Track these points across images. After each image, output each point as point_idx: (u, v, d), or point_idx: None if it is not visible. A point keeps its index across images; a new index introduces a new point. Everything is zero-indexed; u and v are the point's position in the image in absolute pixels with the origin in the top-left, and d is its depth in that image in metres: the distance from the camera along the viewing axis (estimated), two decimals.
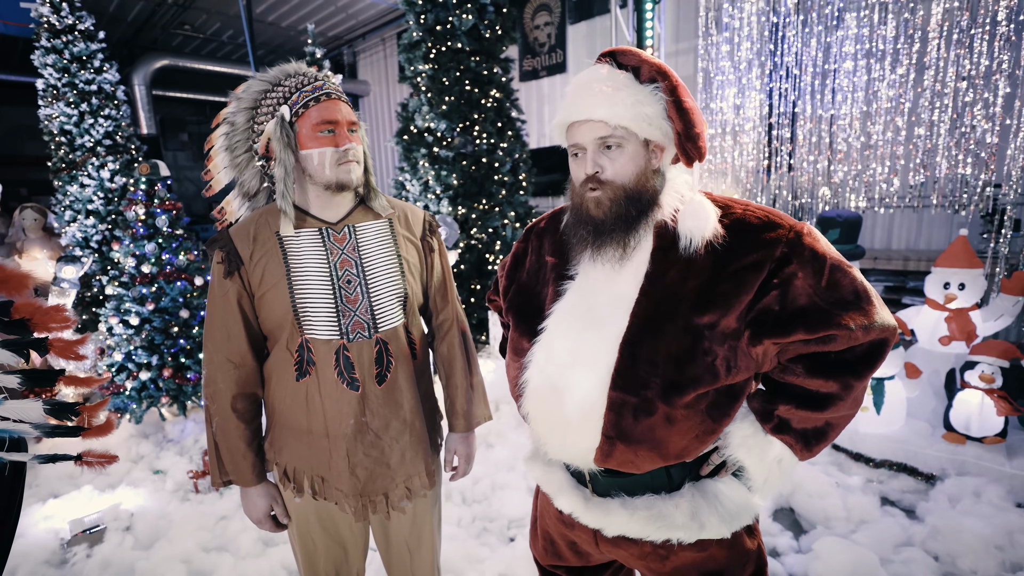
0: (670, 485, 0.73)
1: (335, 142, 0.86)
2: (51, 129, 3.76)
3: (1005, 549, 1.57)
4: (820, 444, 0.71)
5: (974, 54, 2.96)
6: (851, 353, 0.67)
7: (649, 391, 0.65)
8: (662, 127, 0.68)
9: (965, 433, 2.06)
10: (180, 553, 1.71)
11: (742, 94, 3.52)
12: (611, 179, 0.68)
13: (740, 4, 3.43)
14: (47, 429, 0.68)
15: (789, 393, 0.70)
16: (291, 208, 0.87)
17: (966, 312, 2.25)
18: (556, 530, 0.87)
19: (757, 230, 0.66)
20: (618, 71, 0.69)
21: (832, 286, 0.64)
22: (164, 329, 2.58)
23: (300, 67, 0.92)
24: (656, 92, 0.67)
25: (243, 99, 0.92)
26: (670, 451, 0.68)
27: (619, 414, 0.66)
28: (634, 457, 0.69)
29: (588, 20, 4.87)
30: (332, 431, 0.89)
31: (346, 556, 1.02)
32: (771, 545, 1.70)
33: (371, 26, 6.85)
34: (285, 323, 0.88)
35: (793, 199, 3.55)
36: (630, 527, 0.72)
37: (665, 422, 0.66)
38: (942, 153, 3.12)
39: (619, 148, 0.68)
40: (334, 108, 0.87)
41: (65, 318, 0.68)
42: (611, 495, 0.75)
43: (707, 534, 0.71)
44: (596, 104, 0.67)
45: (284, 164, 0.86)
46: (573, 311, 0.72)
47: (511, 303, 0.85)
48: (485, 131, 3.33)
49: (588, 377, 0.68)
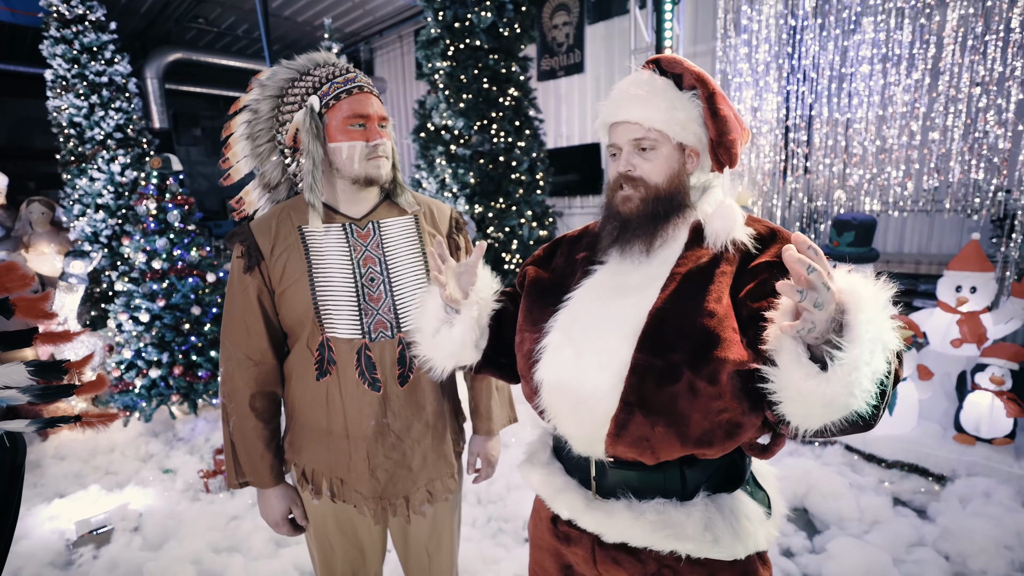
0: (683, 491, 0.68)
1: (366, 136, 0.84)
2: (60, 121, 3.71)
3: (1015, 549, 1.61)
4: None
5: (988, 60, 2.98)
6: None
7: (676, 355, 0.63)
8: (696, 132, 0.70)
9: (975, 434, 2.10)
10: (190, 554, 1.67)
11: (759, 96, 3.54)
12: (642, 177, 0.70)
13: (759, 7, 3.44)
14: (37, 391, 0.64)
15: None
16: (319, 202, 0.85)
17: (977, 315, 2.29)
18: (550, 553, 0.81)
19: (787, 238, 0.68)
20: (659, 77, 0.72)
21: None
22: (175, 326, 2.55)
23: (330, 57, 0.89)
24: (694, 99, 0.70)
25: (268, 86, 0.88)
26: (690, 431, 0.63)
27: (642, 377, 0.63)
28: (650, 433, 0.63)
29: (606, 20, 4.86)
30: (352, 432, 0.87)
31: (363, 559, 0.99)
32: (785, 545, 1.73)
33: (388, 23, 6.84)
34: (306, 321, 0.86)
35: (809, 201, 3.58)
36: (634, 532, 0.66)
37: (688, 392, 0.62)
38: (955, 158, 3.14)
39: (653, 150, 0.70)
40: (366, 102, 0.84)
41: (23, 276, 0.63)
42: (617, 496, 0.70)
43: (719, 551, 0.65)
44: (632, 107, 0.70)
45: (313, 156, 0.83)
46: (602, 286, 0.72)
47: (534, 280, 0.80)
48: (503, 130, 3.35)
49: (613, 339, 0.66)
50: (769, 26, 3.44)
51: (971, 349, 2.31)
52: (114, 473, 2.27)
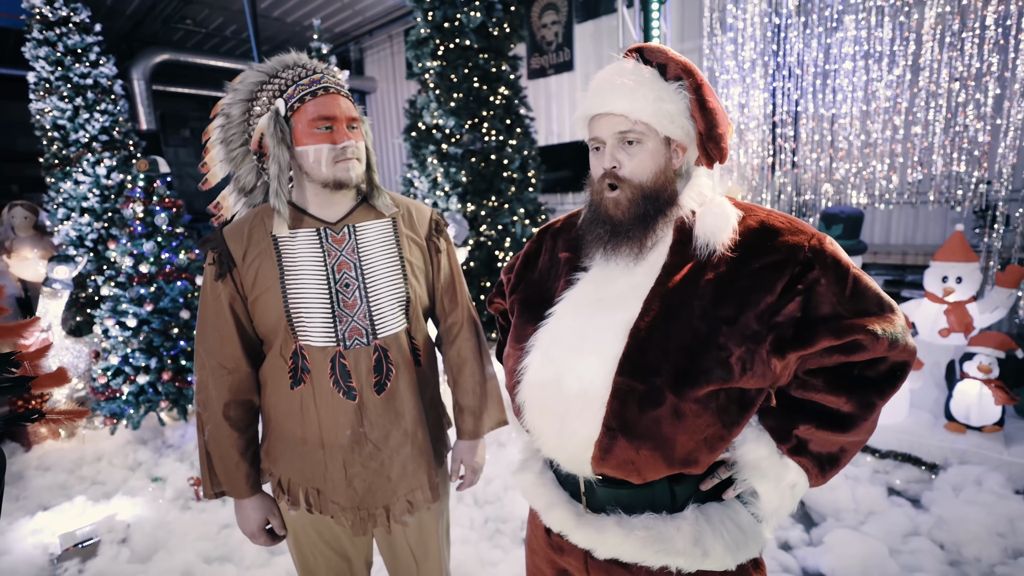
0: (673, 505, 0.67)
1: (332, 139, 0.82)
2: (43, 124, 3.65)
3: (1007, 536, 1.62)
4: (833, 470, 0.67)
5: (966, 56, 3.05)
6: (874, 370, 0.65)
7: (659, 378, 0.61)
8: (684, 126, 0.67)
9: (965, 423, 2.13)
10: (180, 565, 1.63)
11: (746, 93, 3.59)
12: (629, 177, 0.67)
13: (743, 5, 3.49)
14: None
15: (809, 411, 0.65)
16: (285, 207, 0.83)
17: (963, 305, 2.32)
18: (545, 559, 0.80)
19: (781, 232, 0.65)
20: (643, 66, 0.68)
21: (856, 296, 0.63)
22: (163, 331, 2.51)
23: (299, 58, 0.87)
24: (680, 90, 0.66)
25: (239, 90, 0.87)
26: (676, 453, 0.62)
27: (623, 402, 0.62)
28: (635, 457, 0.63)
29: (595, 19, 4.92)
30: (328, 441, 0.85)
31: (350, 567, 0.97)
32: (783, 538, 1.73)
33: (378, 23, 6.83)
34: (279, 329, 0.84)
35: (797, 195, 3.63)
36: (624, 549, 0.65)
37: (672, 416, 0.61)
38: (937, 151, 3.21)
39: (639, 144, 0.67)
40: (332, 103, 0.82)
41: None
42: (607, 511, 0.68)
43: (710, 564, 0.64)
44: (617, 97, 0.66)
45: (278, 161, 0.82)
46: (584, 298, 0.70)
47: (519, 296, 0.80)
48: (494, 128, 3.35)
49: (594, 361, 0.64)
50: (754, 24, 3.49)
51: (959, 338, 2.34)
52: (101, 483, 2.20)
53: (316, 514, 0.90)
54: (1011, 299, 2.31)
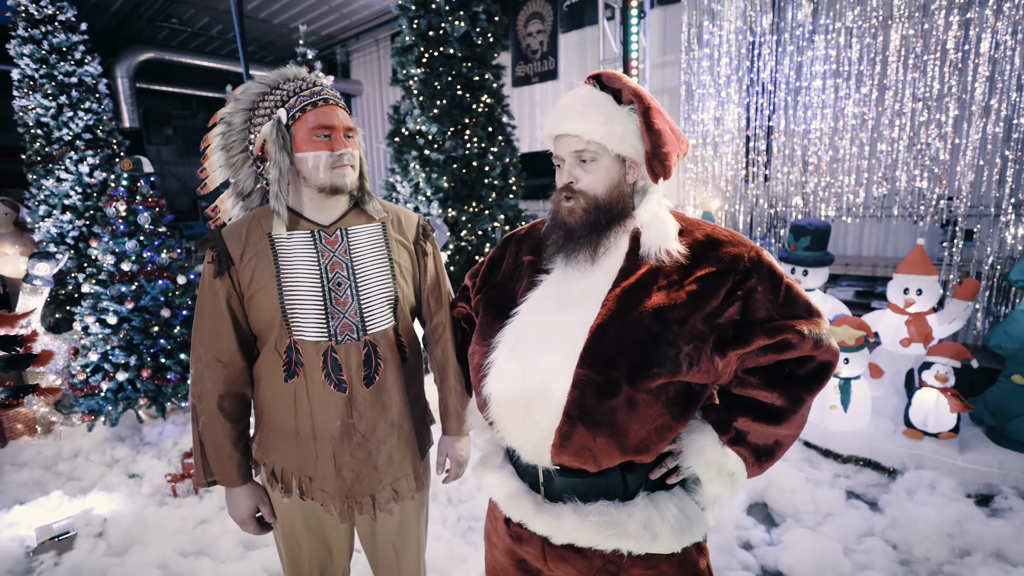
0: (625, 493, 0.73)
1: (330, 146, 0.87)
2: (26, 121, 3.62)
3: (955, 536, 1.69)
4: (768, 462, 0.74)
5: (928, 78, 3.21)
6: (803, 368, 0.72)
7: (615, 371, 0.67)
8: (634, 144, 0.73)
9: (923, 429, 2.20)
10: (156, 558, 1.65)
11: (722, 107, 3.70)
12: (584, 189, 0.74)
13: (719, 22, 3.61)
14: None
15: (747, 405, 0.73)
16: (284, 209, 0.88)
17: (923, 316, 2.42)
18: (504, 550, 0.85)
19: (724, 244, 0.73)
20: (599, 92, 0.75)
21: (788, 302, 0.71)
22: (144, 328, 2.51)
23: (300, 72, 0.93)
24: (631, 113, 0.73)
25: (241, 100, 0.93)
26: (629, 441, 0.68)
27: (583, 392, 0.67)
28: (592, 444, 0.68)
29: (579, 29, 5.02)
30: (319, 432, 0.89)
31: (331, 557, 1.01)
32: (745, 538, 1.78)
33: (365, 27, 6.85)
34: (274, 324, 0.89)
35: (769, 207, 3.73)
36: (580, 534, 0.71)
37: (627, 405, 0.67)
38: (901, 167, 3.35)
39: (593, 162, 0.73)
40: (331, 113, 0.88)
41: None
42: (564, 500, 0.74)
43: (658, 547, 0.70)
44: (572, 120, 0.73)
45: (279, 166, 0.87)
46: (547, 298, 0.75)
47: (484, 297, 0.86)
48: (476, 135, 3.39)
49: (556, 356, 0.70)
50: (730, 41, 3.61)
51: (918, 348, 2.43)
52: (78, 479, 2.19)
53: (306, 502, 0.94)
54: (968, 311, 2.41)
